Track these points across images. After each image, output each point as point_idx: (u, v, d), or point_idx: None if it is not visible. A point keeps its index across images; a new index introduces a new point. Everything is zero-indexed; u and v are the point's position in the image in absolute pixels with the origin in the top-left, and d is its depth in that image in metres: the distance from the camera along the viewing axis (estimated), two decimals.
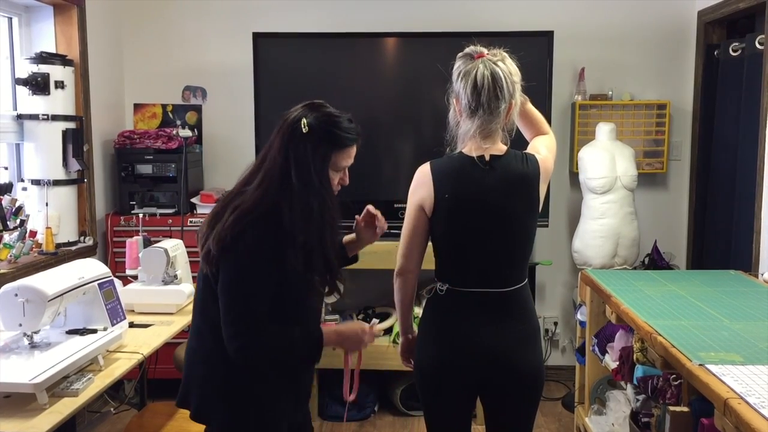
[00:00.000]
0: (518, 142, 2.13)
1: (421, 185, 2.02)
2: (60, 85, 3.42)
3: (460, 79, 1.98)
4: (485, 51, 1.99)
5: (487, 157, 1.98)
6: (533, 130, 2.19)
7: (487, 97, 1.94)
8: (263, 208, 1.70)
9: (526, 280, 2.08)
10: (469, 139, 2.01)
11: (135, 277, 3.05)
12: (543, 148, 2.10)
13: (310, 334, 1.79)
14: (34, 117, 3.39)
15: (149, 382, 3.23)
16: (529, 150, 2.11)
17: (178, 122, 4.22)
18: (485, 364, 2.00)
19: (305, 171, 1.71)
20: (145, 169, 3.91)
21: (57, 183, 3.47)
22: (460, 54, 2.03)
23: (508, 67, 1.97)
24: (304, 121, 1.72)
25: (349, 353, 1.96)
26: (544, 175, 2.03)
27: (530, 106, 2.16)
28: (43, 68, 3.37)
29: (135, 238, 3.19)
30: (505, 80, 1.94)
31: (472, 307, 2.01)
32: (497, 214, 1.98)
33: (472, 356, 2.00)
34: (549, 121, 3.95)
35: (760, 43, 3.32)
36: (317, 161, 1.72)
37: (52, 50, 3.57)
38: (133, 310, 2.84)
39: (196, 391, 1.83)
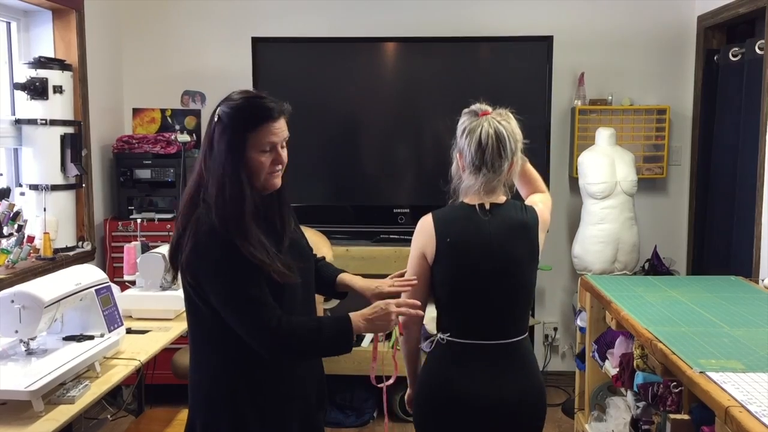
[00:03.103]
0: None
1: (423, 232, 2.02)
2: (58, 89, 3.42)
3: (464, 135, 2.00)
4: (490, 109, 2.01)
5: (488, 206, 2.00)
6: (530, 188, 2.22)
7: (491, 156, 1.96)
8: (190, 206, 1.70)
9: (527, 333, 2.07)
10: (472, 193, 2.02)
11: (133, 283, 3.04)
12: (540, 203, 2.12)
13: (339, 318, 1.75)
14: (32, 122, 3.38)
15: (147, 388, 3.21)
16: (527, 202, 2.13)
17: (177, 127, 4.22)
18: (489, 416, 1.98)
19: (213, 158, 1.69)
20: (144, 173, 3.90)
21: (55, 188, 3.46)
22: (465, 110, 2.05)
23: (512, 126, 2.00)
24: (217, 111, 1.70)
25: (379, 335, 1.88)
26: (542, 224, 2.05)
27: (529, 166, 2.19)
28: (42, 73, 3.36)
29: (133, 243, 3.18)
30: (508, 139, 1.97)
31: (473, 358, 1.99)
32: (499, 260, 1.97)
33: (474, 409, 1.98)
34: (549, 126, 3.97)
35: (759, 48, 3.32)
36: (222, 146, 1.67)
37: (51, 55, 3.57)
38: (130, 316, 2.83)
39: (200, 421, 1.78)
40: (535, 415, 2.04)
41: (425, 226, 2.03)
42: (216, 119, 1.70)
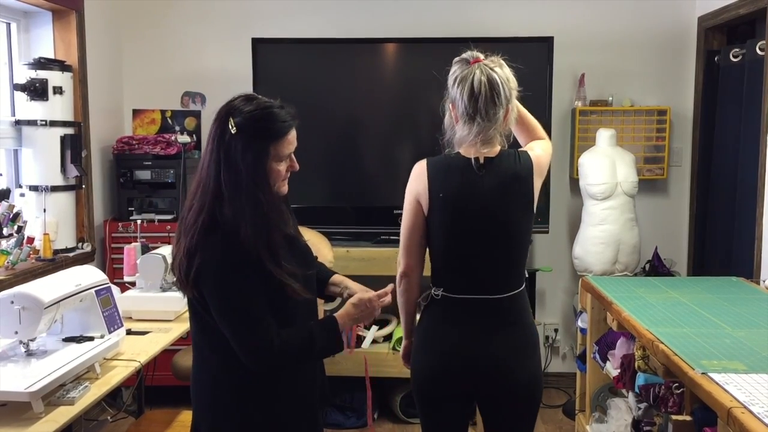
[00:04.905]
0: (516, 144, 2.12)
1: (417, 180, 2.02)
2: (58, 90, 3.41)
3: (456, 84, 1.97)
4: (482, 56, 1.98)
5: (482, 160, 1.97)
6: (528, 136, 2.17)
7: (484, 104, 1.93)
8: (206, 222, 1.64)
9: (523, 286, 2.06)
10: (466, 144, 1.99)
11: (133, 284, 3.03)
12: (537, 148, 2.09)
13: (325, 323, 1.77)
14: (32, 123, 3.38)
15: (147, 389, 3.20)
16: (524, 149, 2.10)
17: (177, 128, 4.21)
18: (480, 372, 1.98)
19: (235, 173, 1.63)
20: (144, 175, 3.89)
21: (55, 189, 3.45)
22: (456, 59, 2.01)
23: (506, 74, 1.96)
24: (231, 121, 1.64)
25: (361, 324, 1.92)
26: (537, 170, 2.01)
27: (525, 113, 2.15)
28: (42, 74, 3.36)
29: (133, 244, 3.18)
30: (502, 86, 1.93)
31: (467, 313, 1.99)
32: (492, 217, 1.96)
33: (466, 364, 1.98)
34: (549, 127, 3.95)
35: (760, 49, 3.31)
36: (249, 159, 1.63)
37: (51, 56, 3.56)
38: (130, 317, 2.82)
39: (206, 425, 1.78)
40: (530, 363, 2.02)
41: (419, 173, 2.01)
42: (232, 131, 1.64)
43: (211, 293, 1.64)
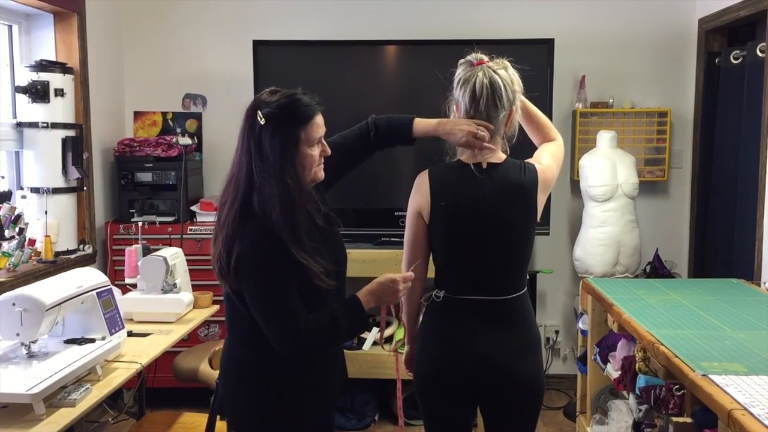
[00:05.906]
0: (520, 148, 2.12)
1: (419, 192, 2.03)
2: (60, 92, 3.42)
3: (459, 86, 1.99)
4: (486, 58, 1.98)
5: (485, 165, 1.98)
6: (540, 136, 2.17)
7: (485, 106, 1.94)
8: (241, 213, 1.69)
9: (525, 288, 2.06)
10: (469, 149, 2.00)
11: (134, 286, 3.04)
12: (547, 156, 2.09)
13: (349, 303, 1.80)
14: (33, 125, 3.38)
15: (148, 391, 3.21)
16: (534, 158, 2.09)
17: (178, 130, 4.22)
18: (483, 372, 1.99)
19: (265, 160, 1.69)
20: (145, 176, 3.90)
21: (56, 191, 3.46)
22: (461, 60, 2.03)
23: (509, 76, 1.97)
24: (259, 114, 1.71)
25: (389, 305, 1.94)
26: (543, 185, 2.01)
27: (535, 110, 2.15)
28: (43, 76, 3.36)
29: (134, 246, 3.18)
30: (504, 88, 1.94)
31: (468, 314, 1.99)
32: (494, 222, 1.97)
33: (469, 364, 1.99)
34: None
35: (761, 51, 3.32)
36: (277, 146, 1.69)
37: (52, 58, 3.57)
38: (132, 319, 2.83)
39: (231, 409, 1.85)
40: (532, 365, 2.02)
41: (421, 185, 2.02)
42: (261, 123, 1.70)
43: (247, 280, 1.69)
